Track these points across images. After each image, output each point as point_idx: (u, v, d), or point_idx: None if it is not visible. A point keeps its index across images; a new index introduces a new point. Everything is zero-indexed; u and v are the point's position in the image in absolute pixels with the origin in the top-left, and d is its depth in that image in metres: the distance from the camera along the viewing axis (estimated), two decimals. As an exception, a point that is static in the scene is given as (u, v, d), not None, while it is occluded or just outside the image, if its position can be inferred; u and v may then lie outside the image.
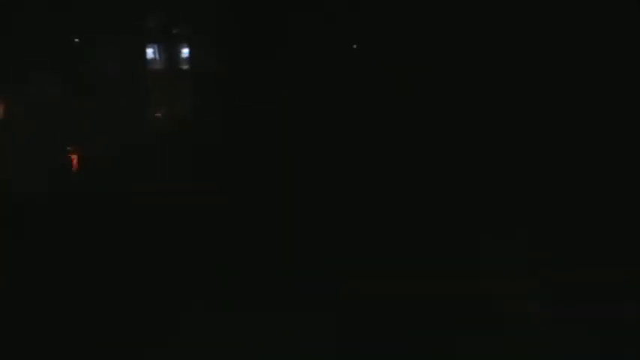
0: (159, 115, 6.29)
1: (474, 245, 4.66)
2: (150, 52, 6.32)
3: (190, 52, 6.25)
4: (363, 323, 4.21)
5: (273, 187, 5.10)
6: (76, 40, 6.21)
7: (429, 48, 4.95)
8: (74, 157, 6.01)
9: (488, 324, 4.09)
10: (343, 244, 4.75)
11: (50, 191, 5.63)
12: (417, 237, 4.71)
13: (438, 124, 4.98)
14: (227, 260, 4.77)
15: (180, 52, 6.33)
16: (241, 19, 5.44)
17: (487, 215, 4.86)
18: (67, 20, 6.04)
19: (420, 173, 4.93)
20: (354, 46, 5.09)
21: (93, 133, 6.01)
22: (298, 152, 5.10)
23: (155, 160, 5.82)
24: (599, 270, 4.42)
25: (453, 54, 4.95)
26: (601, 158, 4.84)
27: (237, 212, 5.10)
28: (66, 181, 5.85)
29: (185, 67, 6.35)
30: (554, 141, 4.91)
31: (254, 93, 5.35)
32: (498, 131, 4.94)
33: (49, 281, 4.78)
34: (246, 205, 5.11)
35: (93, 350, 4.11)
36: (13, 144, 5.84)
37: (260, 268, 4.64)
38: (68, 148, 6.04)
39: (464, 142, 4.99)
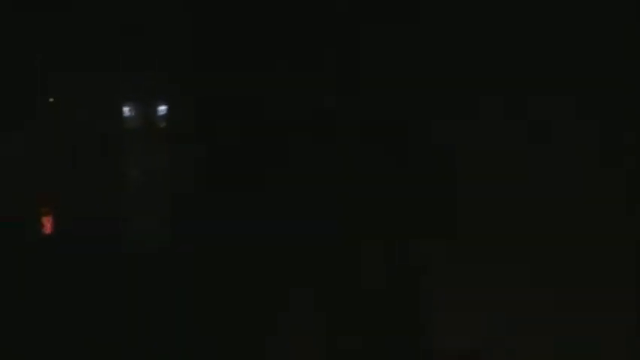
0: (136, 172, 6.13)
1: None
2: (126, 110, 6.18)
3: (167, 110, 6.11)
4: None
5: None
6: (51, 99, 6.07)
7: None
8: (48, 218, 5.79)
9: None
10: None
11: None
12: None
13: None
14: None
15: (156, 109, 6.20)
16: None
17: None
18: (41, 77, 5.91)
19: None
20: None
21: (69, 191, 5.83)
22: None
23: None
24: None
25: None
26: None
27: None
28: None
29: (162, 124, 6.20)
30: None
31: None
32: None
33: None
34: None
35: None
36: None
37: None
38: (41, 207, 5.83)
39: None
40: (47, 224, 5.75)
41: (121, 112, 6.18)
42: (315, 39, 4.88)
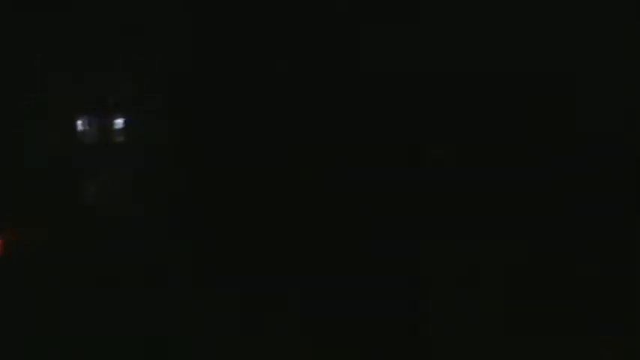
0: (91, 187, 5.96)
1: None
2: (80, 124, 6.03)
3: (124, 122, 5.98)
4: None
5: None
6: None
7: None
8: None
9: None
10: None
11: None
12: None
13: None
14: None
15: (113, 122, 6.06)
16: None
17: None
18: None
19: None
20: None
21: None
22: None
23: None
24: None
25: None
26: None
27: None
28: None
29: (119, 138, 6.06)
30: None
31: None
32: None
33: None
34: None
35: None
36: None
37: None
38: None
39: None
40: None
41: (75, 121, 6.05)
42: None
